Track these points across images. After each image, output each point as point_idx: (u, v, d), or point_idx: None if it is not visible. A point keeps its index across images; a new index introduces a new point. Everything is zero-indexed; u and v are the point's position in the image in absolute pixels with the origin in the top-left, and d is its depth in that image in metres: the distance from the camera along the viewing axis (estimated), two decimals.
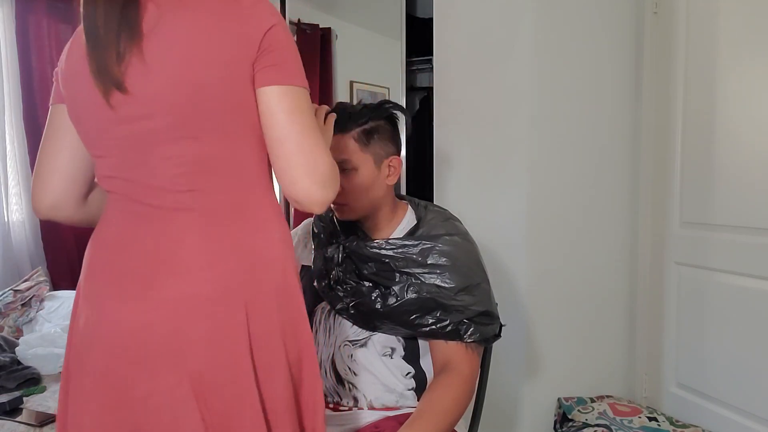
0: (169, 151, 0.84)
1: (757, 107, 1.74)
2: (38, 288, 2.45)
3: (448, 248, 1.18)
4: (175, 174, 0.84)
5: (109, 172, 0.89)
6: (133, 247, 0.87)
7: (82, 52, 0.84)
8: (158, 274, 0.84)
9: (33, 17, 2.84)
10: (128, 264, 0.86)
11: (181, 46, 0.82)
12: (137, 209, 0.88)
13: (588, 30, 2.04)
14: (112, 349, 0.85)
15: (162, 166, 0.84)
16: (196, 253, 0.84)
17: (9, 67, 2.76)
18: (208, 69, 0.82)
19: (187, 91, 0.82)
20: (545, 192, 2.00)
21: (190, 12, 0.83)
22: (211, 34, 0.83)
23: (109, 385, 0.85)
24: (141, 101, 0.82)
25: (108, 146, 0.88)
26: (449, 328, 1.14)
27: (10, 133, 2.79)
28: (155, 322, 0.83)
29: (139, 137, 0.84)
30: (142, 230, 0.87)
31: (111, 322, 0.86)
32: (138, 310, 0.84)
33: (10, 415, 1.60)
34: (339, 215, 1.24)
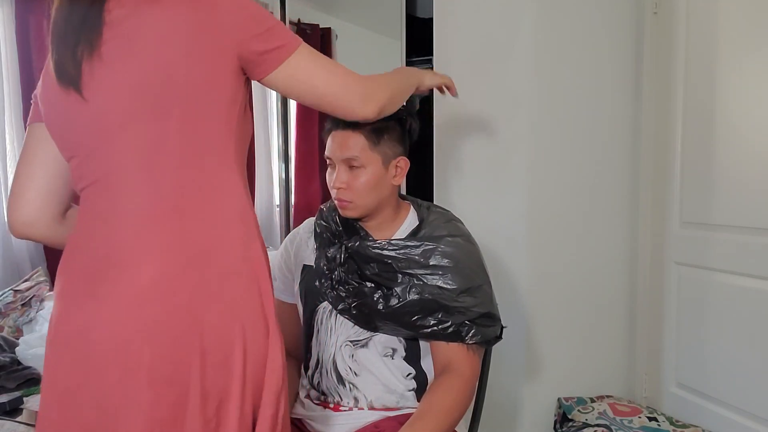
0: (125, 140, 0.85)
1: (757, 107, 1.74)
2: (38, 288, 2.44)
3: (450, 249, 1.18)
4: (129, 163, 0.85)
5: (78, 172, 0.90)
6: (88, 246, 0.87)
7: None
8: (107, 271, 0.84)
9: (33, 17, 2.83)
10: (84, 263, 0.87)
11: (142, 43, 0.84)
12: (96, 207, 0.88)
13: (588, 30, 2.04)
14: (64, 348, 0.86)
15: (118, 156, 0.85)
16: (141, 247, 0.84)
17: (9, 67, 2.76)
18: (166, 55, 0.84)
19: (144, 75, 0.84)
20: (545, 192, 2.00)
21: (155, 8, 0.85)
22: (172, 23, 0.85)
23: (61, 385, 0.86)
24: (100, 99, 0.85)
25: (75, 144, 0.89)
26: (451, 329, 1.14)
27: (10, 133, 2.79)
28: (102, 318, 0.83)
29: (98, 132, 0.86)
30: (98, 229, 0.87)
31: (65, 322, 0.87)
32: (87, 309, 0.84)
33: (10, 415, 1.60)
34: (343, 212, 1.23)
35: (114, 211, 0.86)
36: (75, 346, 0.85)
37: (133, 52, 0.84)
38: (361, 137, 1.17)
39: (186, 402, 0.84)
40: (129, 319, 0.83)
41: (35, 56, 2.86)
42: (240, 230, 0.90)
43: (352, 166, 1.18)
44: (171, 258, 0.84)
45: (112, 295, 0.83)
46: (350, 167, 1.18)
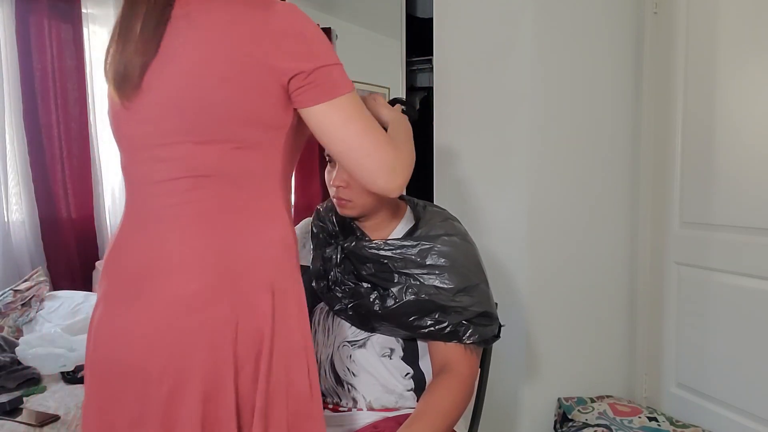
0: (170, 152, 0.86)
1: (757, 107, 1.74)
2: (38, 288, 2.44)
3: (446, 249, 1.17)
4: (173, 177, 0.86)
5: (123, 172, 0.94)
6: (130, 250, 0.89)
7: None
8: (148, 277, 0.86)
9: (33, 17, 2.84)
10: (125, 267, 0.89)
11: (189, 59, 0.84)
12: (138, 210, 0.91)
13: (588, 30, 2.04)
14: (108, 352, 0.88)
15: (161, 167, 0.87)
16: (184, 255, 0.85)
17: (9, 67, 2.76)
18: (211, 80, 0.84)
19: (191, 99, 0.84)
20: (545, 192, 2.00)
21: (207, 27, 0.85)
22: (219, 48, 0.84)
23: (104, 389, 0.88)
24: (152, 104, 0.86)
25: (121, 142, 0.92)
26: (448, 329, 1.13)
27: (10, 133, 2.78)
28: (143, 324, 0.85)
29: (144, 137, 0.88)
30: (139, 232, 0.89)
31: (108, 326, 0.89)
32: (130, 314, 0.86)
33: (10, 415, 1.60)
34: (341, 211, 1.23)
35: (160, 220, 0.88)
36: (119, 347, 0.87)
37: (178, 71, 0.84)
38: None
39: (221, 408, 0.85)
40: (174, 324, 0.84)
41: (35, 56, 2.87)
42: (279, 252, 0.91)
43: None
44: (213, 270, 0.86)
45: (158, 300, 0.85)
46: None
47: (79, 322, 2.24)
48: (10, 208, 2.84)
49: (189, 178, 0.86)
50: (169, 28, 0.85)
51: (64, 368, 1.90)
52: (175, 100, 0.84)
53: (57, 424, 1.58)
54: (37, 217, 2.90)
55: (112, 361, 0.88)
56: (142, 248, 0.88)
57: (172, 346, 0.84)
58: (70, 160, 3.06)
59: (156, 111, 0.86)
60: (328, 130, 0.88)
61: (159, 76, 0.85)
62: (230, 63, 0.84)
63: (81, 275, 3.10)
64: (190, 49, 0.84)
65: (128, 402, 0.86)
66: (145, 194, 0.89)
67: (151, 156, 0.88)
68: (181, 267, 0.85)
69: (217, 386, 0.85)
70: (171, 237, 0.86)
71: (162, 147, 0.86)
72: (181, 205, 0.87)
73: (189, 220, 0.86)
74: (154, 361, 0.84)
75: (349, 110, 0.88)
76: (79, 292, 2.57)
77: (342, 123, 0.87)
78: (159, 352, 0.84)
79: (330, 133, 0.88)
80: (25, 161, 2.85)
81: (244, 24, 0.84)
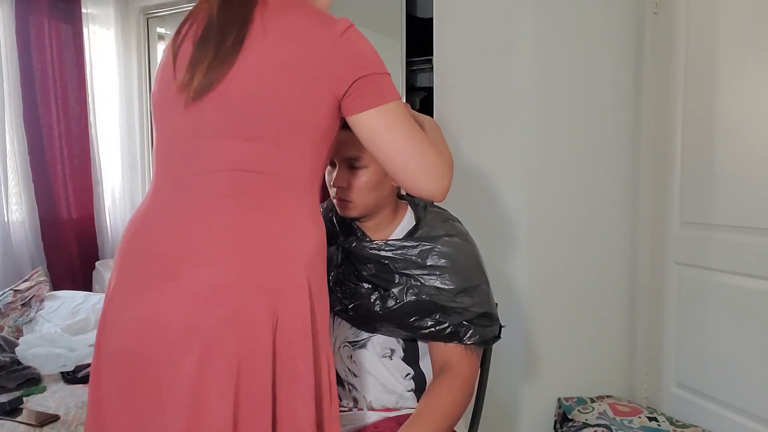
0: (221, 145, 0.89)
1: (757, 107, 1.74)
2: (38, 288, 2.45)
3: (447, 249, 1.17)
4: (219, 168, 0.89)
5: (161, 154, 0.96)
6: (162, 236, 0.90)
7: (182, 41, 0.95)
8: (183, 263, 0.87)
9: (33, 17, 2.84)
10: (156, 251, 0.90)
11: (258, 63, 0.88)
12: (172, 197, 0.92)
13: (588, 30, 2.04)
14: (134, 333, 0.88)
15: (210, 159, 0.89)
16: (222, 246, 0.87)
17: (9, 67, 2.76)
18: (273, 82, 0.88)
19: (251, 97, 0.88)
20: (545, 192, 2.00)
21: (282, 31, 0.90)
22: (296, 57, 0.88)
23: (129, 368, 0.88)
24: (212, 99, 0.89)
25: (170, 128, 0.94)
26: (448, 330, 1.13)
27: (10, 133, 2.79)
28: (177, 308, 0.86)
29: (198, 127, 0.90)
30: (173, 218, 0.90)
31: (136, 308, 0.89)
32: (162, 297, 0.87)
33: (10, 415, 1.60)
34: (342, 212, 1.22)
35: (203, 209, 0.89)
36: (148, 329, 0.87)
37: (243, 72, 0.88)
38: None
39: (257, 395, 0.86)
40: (208, 312, 0.85)
41: (35, 56, 2.87)
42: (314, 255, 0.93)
43: (353, 166, 1.17)
44: (253, 264, 0.87)
45: (194, 286, 0.86)
46: (351, 167, 1.18)
47: (79, 322, 2.24)
48: (10, 208, 2.84)
49: (235, 172, 0.89)
50: (246, 41, 0.90)
51: (64, 368, 1.90)
52: (234, 97, 0.88)
53: (57, 424, 1.58)
54: (37, 217, 2.91)
55: (140, 340, 0.87)
56: (178, 234, 0.89)
57: (205, 333, 0.84)
58: (70, 160, 3.06)
59: (215, 105, 0.89)
60: (376, 135, 0.91)
61: (230, 78, 0.89)
62: (293, 70, 0.88)
63: (81, 275, 3.10)
64: (259, 53, 0.88)
65: (152, 388, 0.86)
66: (184, 183, 0.91)
67: (199, 147, 0.90)
68: (222, 257, 0.87)
69: (252, 376, 0.85)
70: (214, 226, 0.88)
71: (213, 139, 0.89)
72: (226, 197, 0.89)
73: (233, 212, 0.88)
74: (183, 346, 0.85)
75: (397, 116, 0.91)
76: (79, 292, 2.57)
77: (388, 128, 0.90)
78: (190, 337, 0.85)
79: (378, 137, 0.91)
80: (25, 161, 2.86)
81: (310, 37, 0.89)
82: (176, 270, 0.86)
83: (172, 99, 0.93)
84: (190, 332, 0.85)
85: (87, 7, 3.13)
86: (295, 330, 0.88)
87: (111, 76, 3.25)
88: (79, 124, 3.07)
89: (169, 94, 0.93)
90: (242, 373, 0.85)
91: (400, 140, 0.90)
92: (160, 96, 0.97)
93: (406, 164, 0.91)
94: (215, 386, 0.84)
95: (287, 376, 0.88)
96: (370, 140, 0.92)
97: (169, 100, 0.93)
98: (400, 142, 0.90)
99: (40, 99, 2.89)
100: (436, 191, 0.92)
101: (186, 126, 0.92)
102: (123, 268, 0.93)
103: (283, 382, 0.88)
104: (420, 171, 0.91)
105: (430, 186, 0.92)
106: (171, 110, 0.94)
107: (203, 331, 0.84)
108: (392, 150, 0.91)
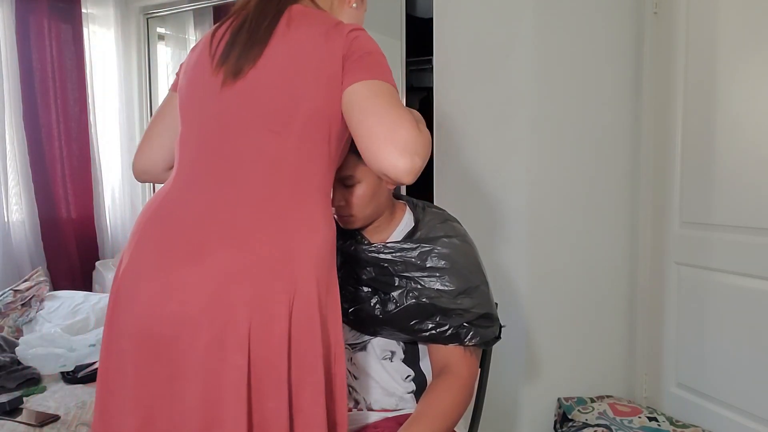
0: (253, 137, 0.93)
1: (757, 107, 1.74)
2: (38, 288, 2.45)
3: (446, 251, 1.17)
4: (245, 159, 0.93)
5: (188, 141, 0.99)
6: (186, 216, 0.93)
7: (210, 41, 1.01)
8: (207, 243, 0.89)
9: (33, 17, 2.84)
10: (180, 231, 0.92)
11: (285, 58, 0.94)
12: (200, 182, 0.95)
13: (588, 30, 2.04)
14: (153, 310, 0.89)
15: (241, 149, 0.93)
16: (245, 233, 0.90)
17: (9, 67, 2.76)
18: (300, 79, 0.93)
19: (280, 92, 0.93)
20: (545, 192, 2.00)
21: (305, 29, 0.96)
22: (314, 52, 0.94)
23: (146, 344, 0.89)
24: (245, 92, 0.94)
25: (200, 118, 0.98)
26: (449, 332, 1.13)
27: (10, 133, 2.79)
28: (199, 285, 0.88)
29: (227, 117, 0.95)
30: (199, 203, 0.93)
31: (156, 284, 0.90)
32: (184, 274, 0.88)
33: (10, 415, 1.60)
34: (344, 226, 1.22)
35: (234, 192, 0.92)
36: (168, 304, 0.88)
37: (272, 68, 0.94)
38: (352, 155, 1.14)
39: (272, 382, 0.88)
40: (231, 289, 0.87)
41: (35, 56, 2.87)
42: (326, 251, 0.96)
43: (347, 185, 1.17)
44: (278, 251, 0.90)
45: (216, 266, 0.88)
46: (346, 186, 1.17)
47: (79, 322, 2.24)
48: (10, 208, 2.84)
49: (259, 163, 0.92)
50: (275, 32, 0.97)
51: (64, 368, 1.90)
52: (262, 89, 0.93)
53: (57, 424, 1.58)
54: (37, 217, 2.91)
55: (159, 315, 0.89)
56: (202, 218, 0.92)
57: (224, 313, 0.86)
58: (70, 160, 3.06)
59: (245, 96, 0.94)
60: (356, 100, 0.89)
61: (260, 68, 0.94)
62: (316, 67, 0.93)
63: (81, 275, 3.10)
64: (285, 51, 0.95)
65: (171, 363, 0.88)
66: (210, 171, 0.94)
67: (227, 136, 0.94)
68: (245, 243, 0.89)
69: (267, 358, 0.87)
70: (238, 213, 0.91)
71: (244, 130, 0.94)
72: (249, 187, 0.92)
73: (255, 201, 0.92)
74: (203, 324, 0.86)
75: (383, 90, 0.89)
76: (79, 292, 2.57)
77: (372, 95, 0.88)
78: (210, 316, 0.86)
79: (356, 103, 0.89)
80: (25, 161, 2.86)
81: (329, 38, 0.94)
82: (201, 251, 0.89)
83: (207, 84, 0.97)
84: (211, 311, 0.87)
85: (87, 7, 3.13)
86: (308, 318, 0.91)
87: (111, 76, 3.25)
88: (79, 124, 3.07)
89: (204, 80, 0.98)
90: (257, 354, 0.86)
91: (377, 105, 0.86)
92: (193, 85, 1.01)
93: (372, 128, 0.84)
94: (231, 365, 0.86)
95: (300, 363, 0.90)
96: (348, 109, 0.90)
97: (203, 86, 0.98)
98: (374, 106, 0.86)
99: (40, 99, 2.89)
100: (401, 167, 0.82)
101: (215, 115, 0.96)
102: (140, 244, 0.95)
103: (297, 369, 0.90)
104: (387, 138, 0.83)
105: (395, 159, 0.82)
106: (203, 98, 0.98)
107: (223, 311, 0.86)
108: (364, 114, 0.87)
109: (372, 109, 0.86)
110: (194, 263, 0.88)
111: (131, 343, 0.91)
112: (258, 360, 0.87)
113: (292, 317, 0.89)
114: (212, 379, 0.86)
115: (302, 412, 0.91)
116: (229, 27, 1.01)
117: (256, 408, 0.87)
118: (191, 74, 1.03)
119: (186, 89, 1.03)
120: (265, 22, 0.97)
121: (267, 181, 0.93)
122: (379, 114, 0.85)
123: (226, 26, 1.02)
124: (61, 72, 2.97)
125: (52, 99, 2.91)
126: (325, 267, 0.95)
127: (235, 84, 0.95)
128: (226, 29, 1.01)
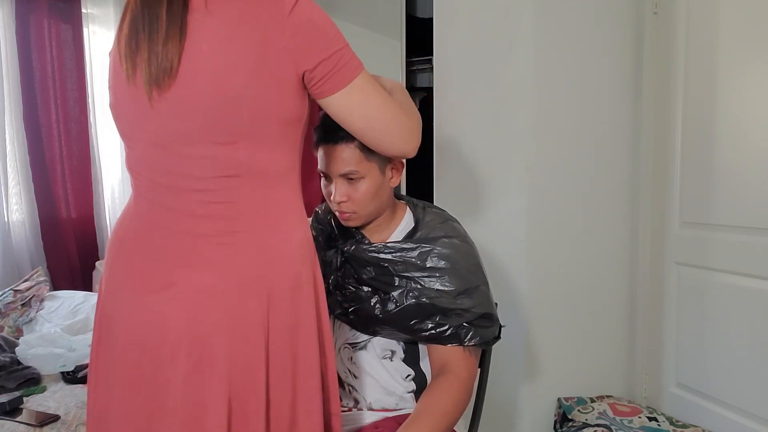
0: (200, 152, 0.87)
1: (757, 107, 1.74)
2: (38, 288, 2.44)
3: (446, 251, 1.17)
4: (204, 175, 0.87)
5: (136, 166, 0.94)
6: (153, 243, 0.90)
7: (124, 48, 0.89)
8: (176, 268, 0.87)
9: (33, 17, 2.84)
10: (148, 258, 0.90)
11: (215, 54, 0.84)
12: (160, 206, 0.91)
13: (588, 30, 2.04)
14: (134, 338, 0.89)
15: (191, 167, 0.87)
16: (215, 250, 0.87)
17: (9, 67, 2.76)
18: (239, 78, 0.84)
19: (219, 98, 0.84)
20: (545, 192, 2.00)
21: (227, 21, 0.85)
22: (249, 37, 0.84)
23: (132, 374, 0.89)
24: (178, 101, 0.85)
25: (139, 139, 0.92)
26: (449, 332, 1.13)
27: (10, 133, 2.79)
28: (173, 312, 0.86)
29: (170, 136, 0.87)
30: (164, 228, 0.90)
31: (131, 314, 0.89)
32: (157, 302, 0.87)
33: (10, 415, 1.60)
34: (346, 223, 1.22)
35: (192, 214, 0.89)
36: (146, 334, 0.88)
37: (202, 69, 0.84)
38: (356, 150, 1.14)
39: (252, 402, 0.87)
40: (201, 315, 0.86)
41: (35, 56, 2.87)
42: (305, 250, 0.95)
43: (351, 180, 1.17)
44: (245, 269, 0.88)
45: (188, 291, 0.87)
46: (350, 180, 1.17)
47: (79, 322, 2.24)
48: (10, 208, 2.84)
49: (219, 178, 0.87)
50: (189, 19, 0.85)
51: (64, 368, 1.90)
52: (201, 99, 0.84)
53: (57, 424, 1.58)
54: (37, 217, 2.90)
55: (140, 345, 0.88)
56: (171, 238, 0.89)
57: (201, 336, 0.86)
58: (70, 160, 3.06)
59: (182, 108, 0.85)
60: (349, 112, 0.94)
61: (187, 70, 0.84)
62: (255, 60, 0.84)
63: (81, 275, 3.10)
64: (216, 44, 0.84)
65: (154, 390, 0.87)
66: (171, 186, 0.89)
67: (178, 153, 0.88)
68: (211, 262, 0.87)
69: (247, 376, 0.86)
70: (204, 231, 0.88)
71: (189, 146, 0.87)
72: (215, 204, 0.88)
73: (223, 218, 0.89)
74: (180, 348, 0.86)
75: (366, 89, 0.93)
76: (79, 292, 2.57)
77: (361, 103, 0.93)
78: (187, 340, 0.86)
79: (352, 113, 0.94)
80: (25, 161, 2.85)
81: (264, 18, 0.85)
82: (170, 276, 0.87)
83: (134, 99, 0.88)
84: (187, 335, 0.86)
85: (87, 7, 3.12)
86: (287, 328, 0.90)
87: None
88: (78, 124, 3.07)
89: (127, 95, 0.89)
90: (235, 376, 0.86)
91: (374, 112, 0.94)
92: (121, 104, 0.93)
93: (382, 132, 0.96)
94: (210, 391, 0.85)
95: (282, 375, 0.89)
96: (343, 118, 0.95)
97: (132, 102, 0.89)
98: (373, 114, 0.94)
99: (40, 99, 2.88)
100: (407, 149, 1.00)
101: (154, 135, 0.89)
102: (113, 272, 0.94)
103: (278, 382, 0.89)
104: (394, 134, 0.96)
105: (402, 146, 0.98)
106: (136, 117, 0.90)
107: (199, 334, 0.85)
108: (367, 123, 0.95)
109: (371, 116, 0.94)
110: (167, 290, 0.87)
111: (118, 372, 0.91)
112: (238, 384, 0.86)
113: (269, 336, 0.88)
114: (193, 411, 0.86)
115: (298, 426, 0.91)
116: (124, 22, 0.89)
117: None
118: (115, 88, 0.93)
119: (115, 108, 0.95)
120: (165, 9, 0.84)
121: (227, 195, 0.88)
122: (380, 120, 0.95)
123: (124, 25, 0.89)
124: (61, 72, 2.97)
125: (52, 99, 2.91)
126: (304, 270, 0.93)
127: (163, 95, 0.85)
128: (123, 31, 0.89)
